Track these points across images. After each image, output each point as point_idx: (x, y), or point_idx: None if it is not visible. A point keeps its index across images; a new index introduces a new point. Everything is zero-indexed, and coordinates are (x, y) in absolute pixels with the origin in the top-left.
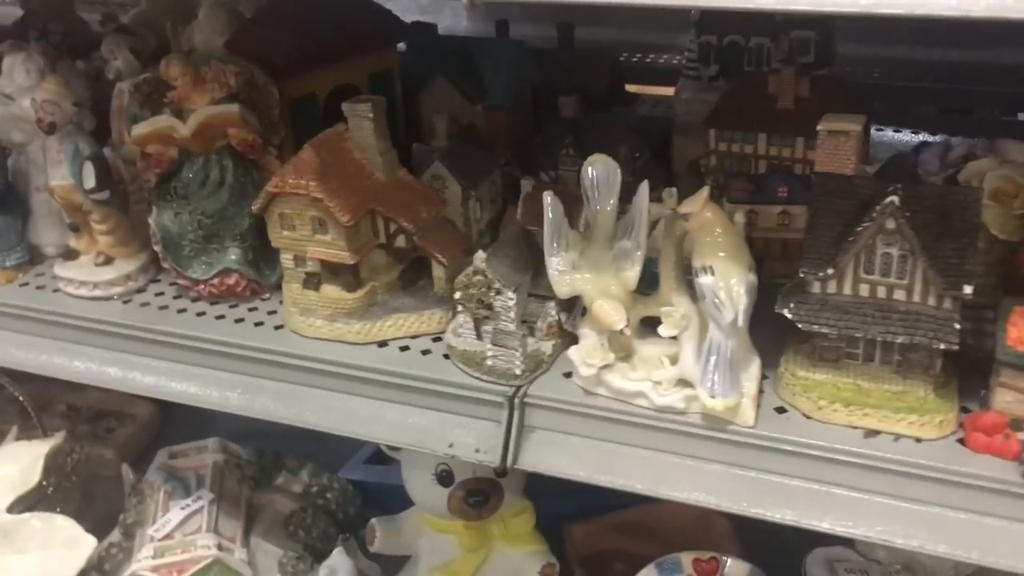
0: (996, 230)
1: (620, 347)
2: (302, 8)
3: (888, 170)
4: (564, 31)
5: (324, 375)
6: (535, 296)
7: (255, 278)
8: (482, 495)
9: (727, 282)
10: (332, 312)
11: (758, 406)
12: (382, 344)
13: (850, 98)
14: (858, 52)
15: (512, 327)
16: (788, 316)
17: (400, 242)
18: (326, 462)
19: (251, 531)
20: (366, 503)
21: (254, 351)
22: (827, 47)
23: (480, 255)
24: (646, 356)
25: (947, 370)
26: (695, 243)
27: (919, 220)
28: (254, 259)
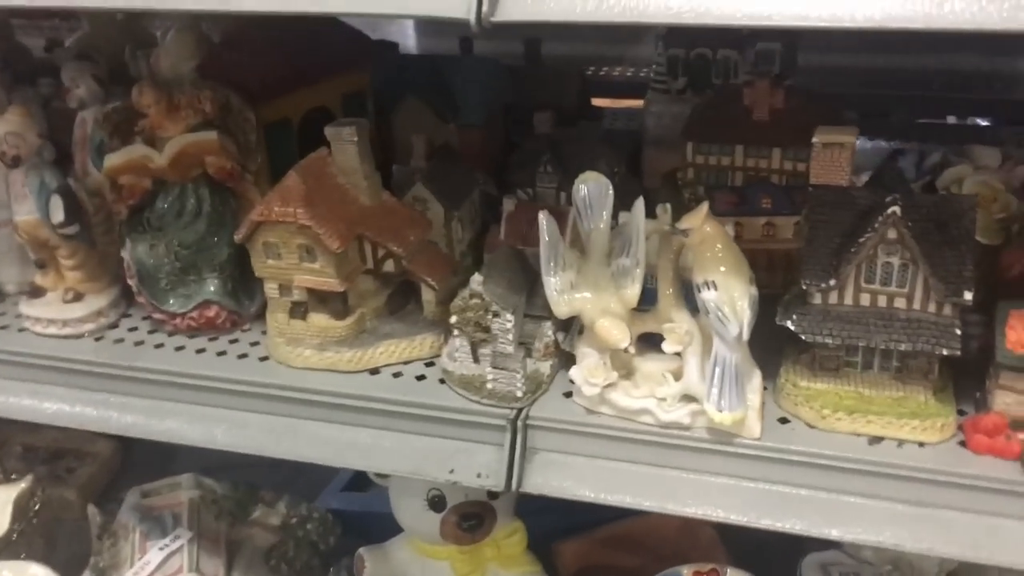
0: (978, 234)
1: (621, 365)
2: (272, 30)
3: (881, 180)
4: (531, 46)
5: (316, 406)
6: (530, 316)
7: (235, 309)
8: (476, 518)
9: (730, 296)
10: (322, 341)
11: (762, 418)
12: (374, 371)
13: (822, 108)
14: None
15: (511, 349)
16: (791, 328)
17: (388, 267)
18: (301, 492)
19: (233, 568)
20: (346, 531)
21: (241, 384)
22: (790, 58)
23: (476, 278)
24: (647, 373)
25: (944, 374)
26: (696, 258)
27: (918, 229)
28: (233, 290)
